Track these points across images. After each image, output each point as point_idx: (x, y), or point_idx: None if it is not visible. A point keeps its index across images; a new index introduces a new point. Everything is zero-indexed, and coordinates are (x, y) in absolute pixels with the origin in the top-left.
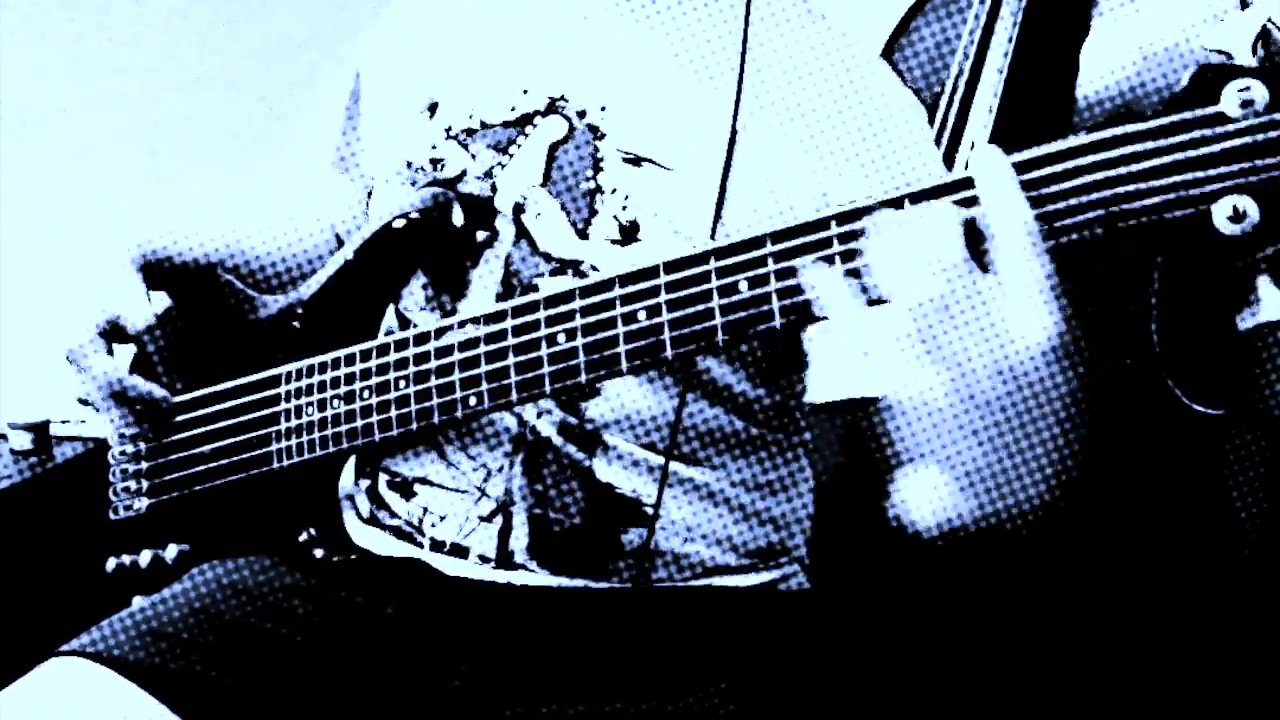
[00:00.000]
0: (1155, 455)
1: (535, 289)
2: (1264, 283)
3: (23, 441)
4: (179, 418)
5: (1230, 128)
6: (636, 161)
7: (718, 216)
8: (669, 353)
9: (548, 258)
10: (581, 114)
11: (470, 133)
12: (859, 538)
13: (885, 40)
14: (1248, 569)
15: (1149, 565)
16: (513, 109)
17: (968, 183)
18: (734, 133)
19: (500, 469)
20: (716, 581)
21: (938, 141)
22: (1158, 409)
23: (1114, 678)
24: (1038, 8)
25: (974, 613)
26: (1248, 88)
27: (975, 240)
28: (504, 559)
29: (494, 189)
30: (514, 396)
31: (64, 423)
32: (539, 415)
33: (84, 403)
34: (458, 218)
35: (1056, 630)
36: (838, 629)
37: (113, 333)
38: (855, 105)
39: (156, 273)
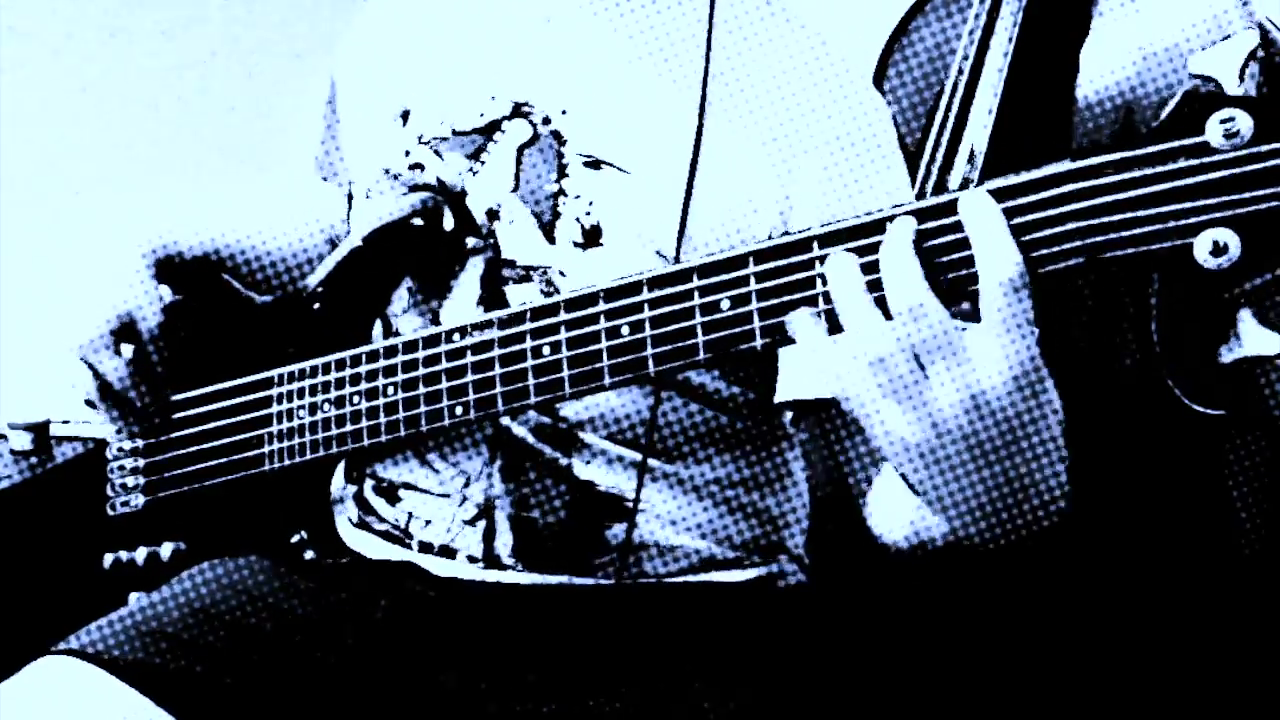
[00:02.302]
0: (1155, 455)
1: (503, 296)
2: (1245, 316)
3: (23, 441)
4: (176, 416)
5: (1213, 159)
6: (596, 165)
7: (684, 222)
8: (651, 369)
9: (511, 265)
10: (546, 119)
11: (442, 140)
12: (857, 541)
13: (884, 42)
14: (1248, 569)
15: (1149, 565)
16: (481, 115)
17: (935, 211)
18: (699, 136)
19: (480, 473)
20: (709, 576)
21: (937, 143)
22: (1158, 409)
23: (1114, 677)
24: (1038, 8)
25: (974, 612)
26: (1232, 118)
27: (935, 272)
28: (490, 561)
29: (463, 193)
30: (500, 407)
31: (64, 423)
32: (513, 417)
33: (90, 405)
34: (448, 222)
35: (1056, 629)
36: (835, 626)
37: (123, 331)
38: (822, 109)
39: (166, 267)
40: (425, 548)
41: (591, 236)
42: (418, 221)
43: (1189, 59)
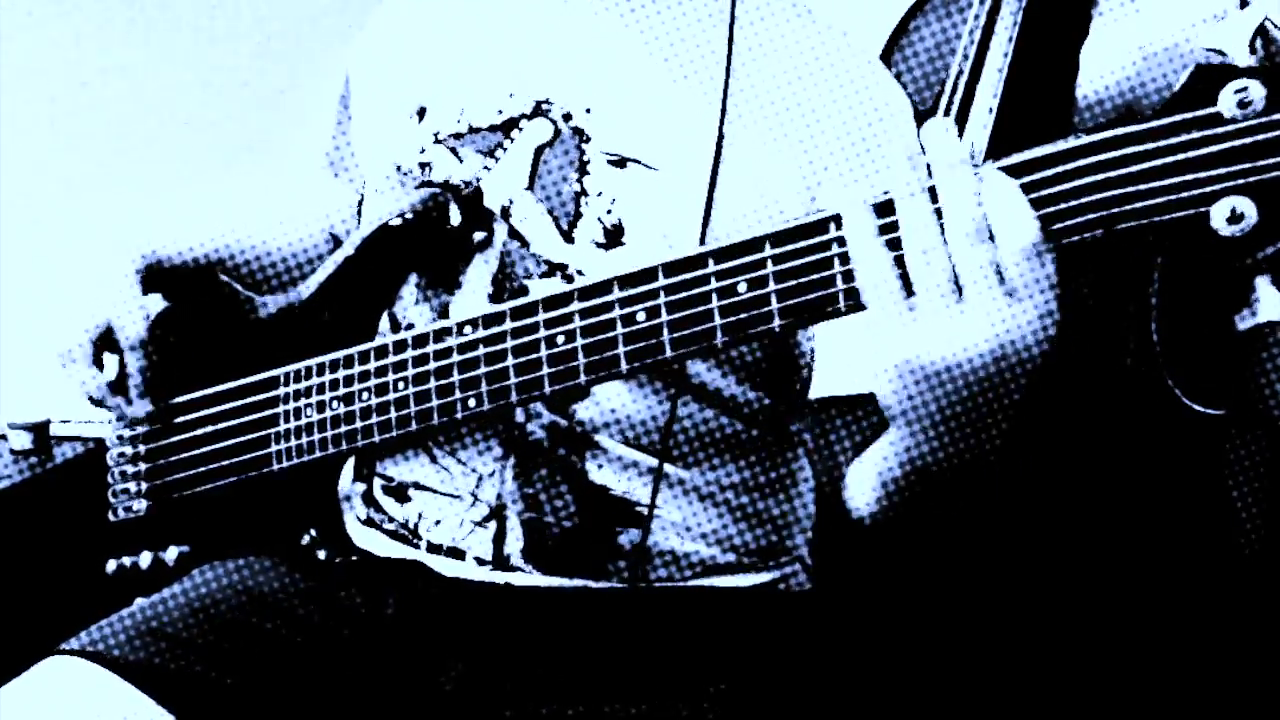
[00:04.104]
0: (1155, 455)
1: (525, 291)
2: (1263, 283)
3: (23, 441)
4: (179, 419)
5: (1228, 128)
6: (621, 163)
7: (706, 219)
8: (669, 354)
9: (537, 259)
10: (567, 116)
11: (458, 137)
12: (861, 540)
13: (885, 40)
14: (1247, 568)
15: (1149, 564)
16: (499, 113)
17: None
18: (721, 134)
19: (492, 473)
20: (715, 581)
21: None
22: (1158, 409)
23: (1114, 677)
24: (1038, 8)
25: (974, 613)
26: (1245, 88)
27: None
28: (500, 563)
29: (478, 192)
30: (514, 398)
31: (64, 423)
32: (529, 419)
33: (96, 402)
34: (455, 217)
35: (1056, 630)
36: (838, 629)
37: (105, 340)
38: (843, 104)
39: (157, 275)
40: (434, 548)
41: (614, 235)
42: (423, 216)
43: (1198, 32)
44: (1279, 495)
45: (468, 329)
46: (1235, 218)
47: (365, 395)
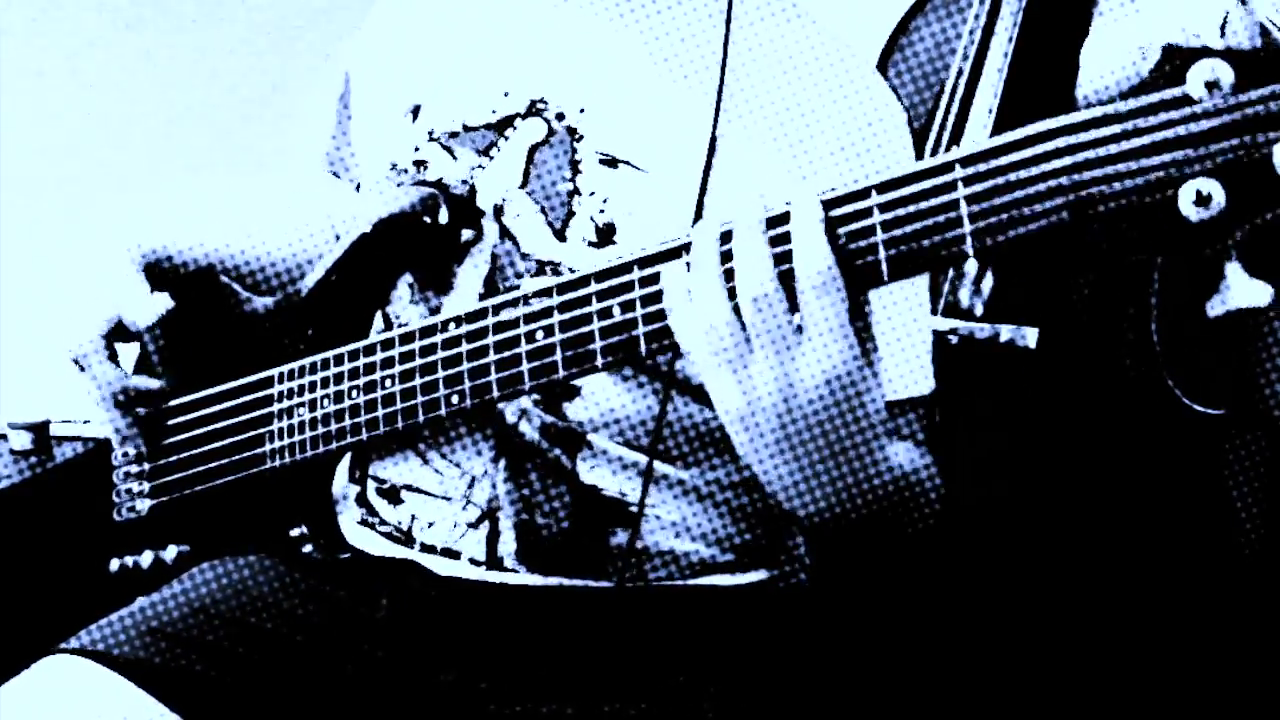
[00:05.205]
0: (1155, 455)
1: (517, 289)
2: (1233, 269)
3: (23, 441)
4: (178, 419)
5: (1195, 109)
6: (613, 164)
7: (697, 219)
8: (644, 348)
9: (528, 259)
10: (560, 116)
11: (453, 135)
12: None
13: (884, 40)
14: (1247, 569)
15: (1148, 565)
16: (494, 111)
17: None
18: (714, 136)
19: (484, 474)
20: (711, 580)
21: (937, 142)
22: (1158, 409)
23: (1113, 678)
24: (1038, 8)
25: (973, 613)
26: (1213, 69)
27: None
28: (493, 564)
29: (472, 190)
30: (495, 394)
31: (64, 423)
32: (520, 418)
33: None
34: (444, 216)
35: (1056, 630)
36: (835, 629)
37: (117, 332)
38: (839, 109)
39: (158, 274)
40: (428, 549)
41: (605, 235)
42: (416, 215)
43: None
44: (1279, 495)
45: (451, 326)
46: (1202, 200)
47: (354, 393)
